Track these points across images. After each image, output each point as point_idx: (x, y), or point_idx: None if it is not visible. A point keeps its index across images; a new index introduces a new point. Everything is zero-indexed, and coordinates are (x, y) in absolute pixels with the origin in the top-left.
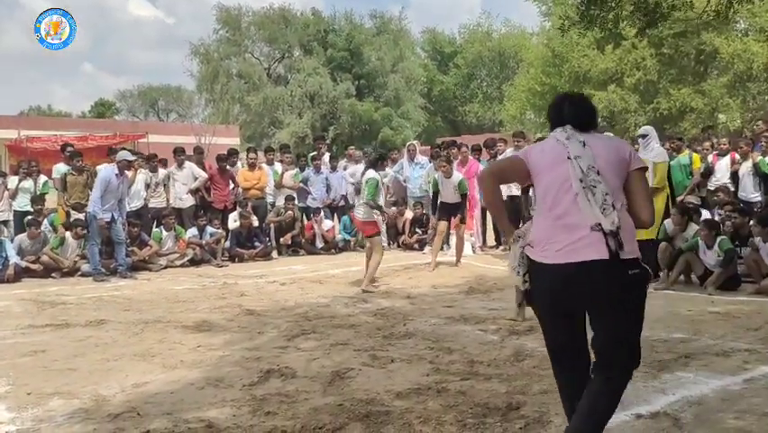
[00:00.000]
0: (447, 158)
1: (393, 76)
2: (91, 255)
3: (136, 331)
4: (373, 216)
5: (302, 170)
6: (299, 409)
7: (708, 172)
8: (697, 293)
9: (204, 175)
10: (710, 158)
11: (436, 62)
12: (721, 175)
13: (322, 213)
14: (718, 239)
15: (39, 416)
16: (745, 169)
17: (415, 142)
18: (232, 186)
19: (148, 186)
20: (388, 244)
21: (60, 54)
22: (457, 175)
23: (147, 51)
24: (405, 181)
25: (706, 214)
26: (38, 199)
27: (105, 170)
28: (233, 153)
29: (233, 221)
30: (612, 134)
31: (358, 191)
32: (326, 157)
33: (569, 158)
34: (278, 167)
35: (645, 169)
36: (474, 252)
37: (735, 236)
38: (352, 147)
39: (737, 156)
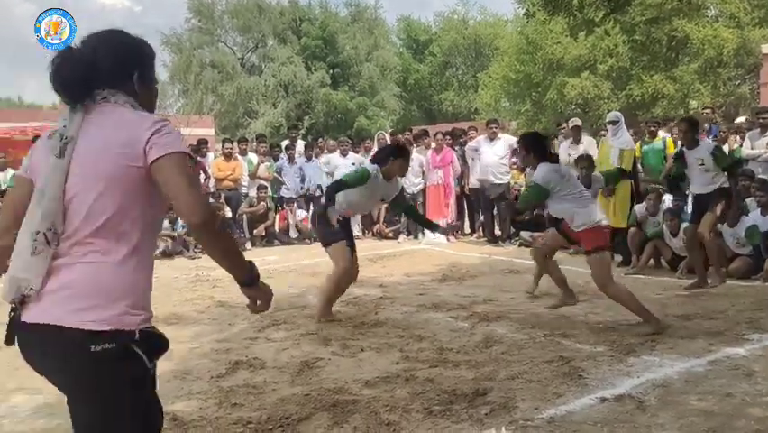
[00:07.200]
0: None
1: (368, 64)
2: None
3: None
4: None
5: (276, 160)
6: (266, 400)
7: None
8: (666, 277)
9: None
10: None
11: (412, 51)
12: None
13: (295, 203)
14: (683, 226)
15: (0, 412)
16: None
17: (386, 131)
18: (203, 177)
19: None
20: (363, 233)
21: (27, 45)
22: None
23: None
24: None
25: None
26: (3, 194)
27: None
28: (203, 143)
29: None
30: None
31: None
32: (300, 146)
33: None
34: (252, 157)
35: (180, 155)
36: (448, 239)
37: None
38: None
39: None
